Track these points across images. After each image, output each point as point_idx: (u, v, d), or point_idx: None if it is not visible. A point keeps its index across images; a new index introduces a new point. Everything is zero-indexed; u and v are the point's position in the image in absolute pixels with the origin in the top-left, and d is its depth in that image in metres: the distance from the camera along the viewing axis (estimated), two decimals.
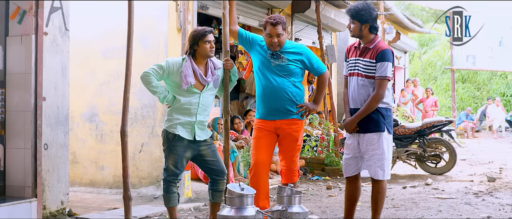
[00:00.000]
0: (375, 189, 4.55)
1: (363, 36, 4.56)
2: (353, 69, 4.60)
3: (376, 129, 4.47)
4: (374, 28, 4.55)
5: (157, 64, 4.68)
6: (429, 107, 16.34)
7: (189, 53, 4.72)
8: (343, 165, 4.72)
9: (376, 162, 4.46)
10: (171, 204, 4.73)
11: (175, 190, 4.72)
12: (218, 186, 4.80)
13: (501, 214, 5.71)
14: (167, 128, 4.65)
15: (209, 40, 4.68)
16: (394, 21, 16.41)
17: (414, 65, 29.22)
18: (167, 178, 4.67)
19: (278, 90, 4.87)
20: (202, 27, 4.76)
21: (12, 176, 5.05)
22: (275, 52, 4.90)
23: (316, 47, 11.80)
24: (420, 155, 9.16)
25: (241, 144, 8.35)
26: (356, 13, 4.53)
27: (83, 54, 7.51)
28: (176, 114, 4.65)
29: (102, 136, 7.49)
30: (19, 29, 5.03)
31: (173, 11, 7.12)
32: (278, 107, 4.89)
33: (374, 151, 4.46)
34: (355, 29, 4.56)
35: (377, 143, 4.46)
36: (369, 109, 4.45)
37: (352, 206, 4.71)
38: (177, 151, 4.64)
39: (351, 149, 4.62)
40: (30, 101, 4.98)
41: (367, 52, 4.53)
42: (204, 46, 4.68)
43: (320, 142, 9.72)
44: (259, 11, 9.72)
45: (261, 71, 4.95)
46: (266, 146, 4.97)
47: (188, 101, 4.65)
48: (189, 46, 4.72)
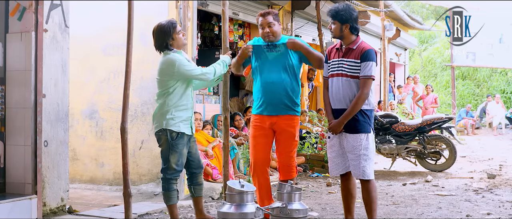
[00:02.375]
0: (366, 190, 4.55)
1: (345, 37, 4.59)
2: (336, 70, 4.61)
3: (362, 130, 4.49)
4: (354, 29, 4.58)
5: (182, 63, 4.62)
6: (429, 104, 16.33)
7: (166, 48, 4.70)
8: (330, 165, 4.73)
9: (362, 162, 4.48)
10: (171, 201, 4.74)
11: (175, 187, 4.74)
12: (198, 180, 4.90)
13: (501, 211, 5.71)
14: (171, 128, 4.64)
15: (180, 30, 4.76)
16: (394, 18, 16.40)
17: (414, 62, 29.21)
18: (168, 176, 4.68)
19: (277, 85, 4.90)
20: (165, 21, 4.76)
21: (12, 173, 5.05)
22: (271, 42, 4.94)
23: (316, 44, 11.80)
24: (420, 152, 9.16)
25: (241, 141, 8.35)
26: (336, 13, 4.57)
27: (83, 51, 7.51)
28: (176, 111, 4.65)
29: (102, 133, 7.49)
30: (19, 26, 5.03)
31: (173, 8, 7.11)
32: (277, 102, 4.91)
33: (360, 152, 4.48)
34: (336, 30, 4.59)
35: (363, 144, 4.48)
36: (355, 109, 4.47)
37: (350, 203, 4.71)
38: (179, 149, 4.65)
39: (336, 148, 4.64)
40: (30, 98, 4.98)
41: (351, 52, 4.55)
42: (178, 37, 4.73)
43: (320, 139, 9.72)
44: (260, 8, 9.71)
45: (259, 66, 4.97)
46: (264, 144, 4.98)
47: (187, 95, 4.71)
48: (163, 41, 4.69)
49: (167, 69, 4.62)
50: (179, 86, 4.67)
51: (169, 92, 4.65)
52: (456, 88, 21.90)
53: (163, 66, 4.65)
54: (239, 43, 10.33)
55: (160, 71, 4.67)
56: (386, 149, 9.19)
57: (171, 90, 4.65)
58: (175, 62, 4.59)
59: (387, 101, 14.13)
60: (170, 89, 4.65)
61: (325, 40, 10.96)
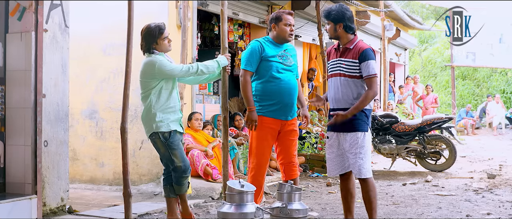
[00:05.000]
0: (365, 189, 4.55)
1: (340, 36, 4.60)
2: (334, 70, 4.62)
3: (359, 128, 4.50)
4: (349, 28, 4.58)
5: (162, 64, 4.64)
6: (429, 104, 16.33)
7: (148, 51, 4.72)
8: (328, 165, 4.74)
9: (358, 160, 4.48)
10: (183, 190, 4.84)
11: (188, 181, 4.87)
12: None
13: (501, 211, 5.71)
14: (162, 129, 4.67)
15: (166, 36, 4.75)
16: (394, 18, 16.40)
17: (414, 62, 29.21)
18: (178, 175, 4.75)
19: (292, 89, 4.98)
20: (155, 24, 4.76)
21: (12, 173, 5.05)
22: (283, 54, 4.97)
23: (316, 44, 11.81)
24: (420, 152, 9.16)
25: (241, 141, 8.35)
26: (328, 14, 4.60)
27: (83, 51, 7.51)
28: (164, 114, 4.70)
29: (102, 133, 7.49)
30: (19, 26, 5.03)
31: (173, 8, 7.12)
32: (291, 106, 4.98)
33: (357, 150, 4.49)
34: (330, 30, 4.61)
35: (360, 142, 4.49)
36: (364, 104, 4.48)
37: (350, 203, 4.71)
38: (177, 145, 4.73)
39: (334, 149, 4.65)
40: (30, 98, 4.98)
41: (348, 52, 4.56)
42: (163, 43, 4.75)
43: (320, 139, 9.72)
44: (259, 8, 9.71)
45: (274, 73, 4.93)
46: (270, 147, 5.06)
47: (173, 97, 4.76)
48: (147, 44, 4.71)
49: (148, 70, 4.67)
50: (163, 88, 4.70)
51: (152, 93, 4.68)
52: (456, 88, 21.90)
53: (144, 67, 4.71)
54: (239, 43, 10.33)
55: (142, 72, 4.72)
56: (386, 149, 9.19)
57: (153, 92, 4.68)
58: (156, 63, 4.63)
59: (386, 101, 14.13)
60: (152, 90, 4.68)
61: (325, 40, 10.96)
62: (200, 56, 8.35)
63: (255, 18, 9.63)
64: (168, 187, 4.89)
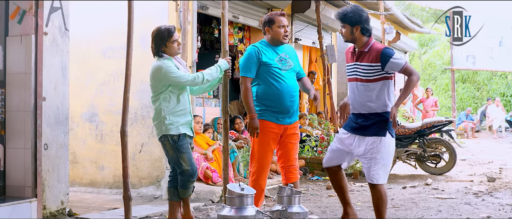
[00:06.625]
0: (374, 195, 4.42)
1: (356, 39, 4.46)
2: (352, 75, 4.53)
3: (377, 133, 4.38)
4: (366, 30, 4.44)
5: (169, 70, 4.63)
6: (429, 107, 16.33)
7: (158, 54, 4.72)
8: (327, 155, 4.64)
9: (373, 166, 4.36)
10: (188, 194, 4.85)
11: (193, 185, 4.88)
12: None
13: (501, 214, 5.71)
14: (171, 132, 4.67)
15: (176, 39, 4.74)
16: (394, 21, 16.40)
17: (414, 65, 29.18)
18: (185, 178, 4.75)
19: (294, 91, 4.96)
20: (165, 27, 4.77)
21: (12, 176, 5.05)
22: (282, 58, 4.95)
23: (316, 47, 11.81)
24: (420, 155, 9.16)
25: (241, 144, 8.35)
26: (344, 16, 4.45)
27: (83, 54, 7.51)
28: (174, 117, 4.69)
29: (102, 136, 7.49)
30: (19, 29, 5.03)
31: (173, 10, 7.12)
32: (294, 108, 4.97)
33: (373, 155, 4.36)
34: (347, 33, 4.47)
35: (377, 147, 4.37)
36: (409, 90, 4.43)
37: (344, 194, 4.64)
38: (185, 149, 4.74)
39: (343, 145, 4.53)
40: (30, 101, 4.98)
41: (364, 56, 4.43)
42: (172, 46, 4.74)
43: (320, 142, 9.72)
44: (259, 11, 9.72)
45: (274, 77, 4.91)
46: (272, 151, 5.05)
47: (184, 100, 4.74)
48: (156, 46, 4.72)
49: (155, 74, 4.68)
50: (172, 92, 4.69)
51: (161, 96, 4.69)
52: (456, 91, 21.91)
53: (152, 70, 4.72)
54: (239, 46, 10.34)
55: (150, 75, 4.75)
56: None
57: (163, 95, 4.68)
58: (162, 68, 4.63)
59: None
60: (161, 94, 4.69)
61: (325, 43, 10.97)
62: (200, 59, 8.36)
63: (255, 21, 9.63)
64: (172, 190, 4.88)
